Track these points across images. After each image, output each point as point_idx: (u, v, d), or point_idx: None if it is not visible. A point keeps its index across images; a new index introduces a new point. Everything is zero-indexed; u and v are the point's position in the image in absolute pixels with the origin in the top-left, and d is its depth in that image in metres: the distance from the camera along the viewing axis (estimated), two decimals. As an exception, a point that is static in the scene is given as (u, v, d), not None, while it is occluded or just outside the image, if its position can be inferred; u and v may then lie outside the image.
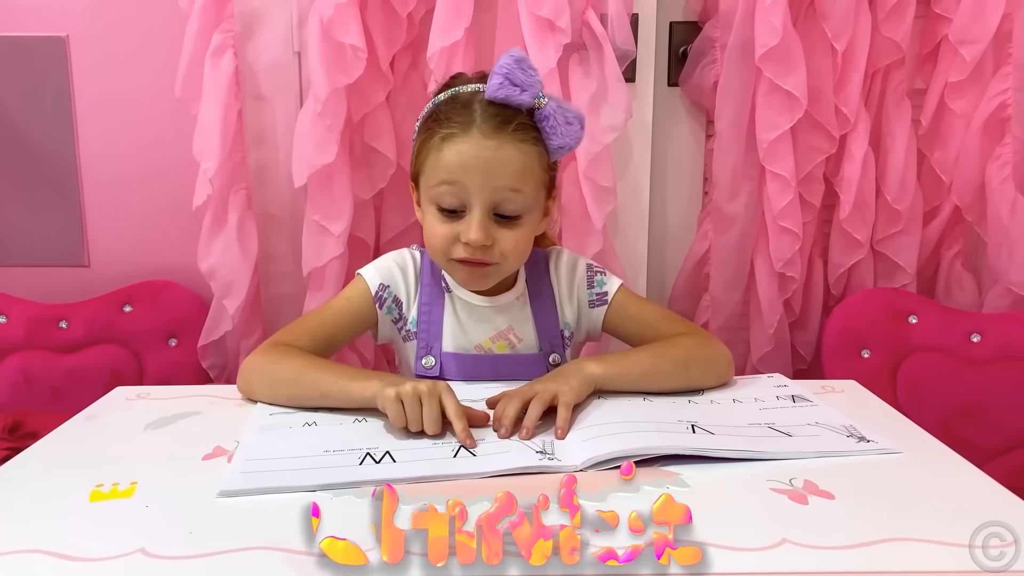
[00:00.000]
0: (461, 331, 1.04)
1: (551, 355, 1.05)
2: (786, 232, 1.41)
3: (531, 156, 0.94)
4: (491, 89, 0.93)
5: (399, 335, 1.07)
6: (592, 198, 1.36)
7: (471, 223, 0.93)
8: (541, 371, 1.01)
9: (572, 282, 1.08)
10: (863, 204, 1.43)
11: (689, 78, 1.45)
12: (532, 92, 0.93)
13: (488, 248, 0.95)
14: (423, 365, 1.03)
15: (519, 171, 0.93)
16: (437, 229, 0.96)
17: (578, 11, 1.33)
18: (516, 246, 0.96)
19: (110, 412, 0.93)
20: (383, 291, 1.05)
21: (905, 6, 1.36)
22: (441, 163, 0.94)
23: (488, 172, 0.92)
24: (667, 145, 1.50)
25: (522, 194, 0.94)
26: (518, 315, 1.06)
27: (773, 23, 1.30)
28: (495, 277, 1.00)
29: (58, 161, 1.52)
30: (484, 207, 0.93)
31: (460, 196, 0.93)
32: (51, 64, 1.48)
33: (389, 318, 1.06)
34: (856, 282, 1.50)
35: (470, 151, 0.92)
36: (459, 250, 0.95)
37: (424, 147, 0.97)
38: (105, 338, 1.48)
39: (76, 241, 1.55)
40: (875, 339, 1.43)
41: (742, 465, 0.74)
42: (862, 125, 1.41)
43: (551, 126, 0.94)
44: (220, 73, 1.35)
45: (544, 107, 0.94)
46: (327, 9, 1.28)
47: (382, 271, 1.06)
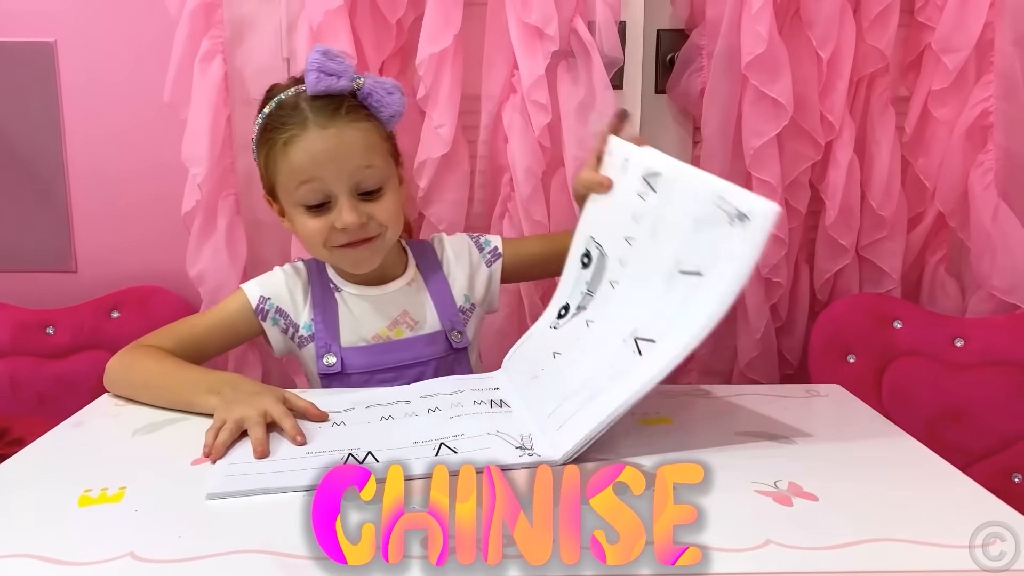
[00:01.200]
0: (357, 325, 1.07)
1: (452, 331, 1.09)
2: (772, 238, 1.38)
3: (370, 132, 1.01)
4: (310, 85, 0.98)
5: (293, 343, 1.09)
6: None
7: (341, 209, 0.98)
8: (442, 349, 1.07)
9: (460, 253, 1.15)
10: (848, 210, 1.44)
11: (676, 85, 1.46)
12: (348, 77, 1.00)
13: (365, 225, 1.00)
14: (325, 364, 1.05)
15: (365, 148, 0.99)
16: (311, 226, 1.00)
17: (566, 19, 1.34)
18: (389, 214, 1.02)
19: (97, 418, 0.93)
20: (264, 303, 1.08)
21: (889, 15, 1.37)
22: (292, 166, 0.98)
23: (338, 159, 0.97)
24: (654, 152, 1.51)
25: (375, 168, 1.00)
26: (412, 300, 1.10)
27: (759, 31, 1.31)
28: (380, 251, 1.04)
29: (46, 166, 1.51)
30: (347, 191, 0.99)
31: (321, 189, 0.98)
32: (39, 69, 1.48)
33: (277, 329, 1.08)
34: (842, 287, 1.51)
35: (315, 146, 0.97)
36: (338, 237, 1.00)
37: (270, 158, 1.01)
38: (92, 344, 1.47)
39: (63, 246, 1.54)
40: (860, 344, 1.44)
41: (727, 468, 0.74)
42: (847, 132, 1.42)
43: (376, 100, 1.01)
44: (209, 79, 1.35)
45: (363, 87, 1.01)
46: (316, 15, 1.28)
47: (264, 285, 1.09)
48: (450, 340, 1.08)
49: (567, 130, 1.36)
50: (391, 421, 0.86)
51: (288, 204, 1.02)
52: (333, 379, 1.06)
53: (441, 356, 1.07)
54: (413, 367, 1.05)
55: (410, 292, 1.10)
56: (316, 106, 0.99)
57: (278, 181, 1.02)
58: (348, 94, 1.00)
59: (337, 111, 0.98)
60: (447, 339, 1.08)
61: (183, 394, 0.91)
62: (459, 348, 1.09)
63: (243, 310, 1.08)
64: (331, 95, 0.99)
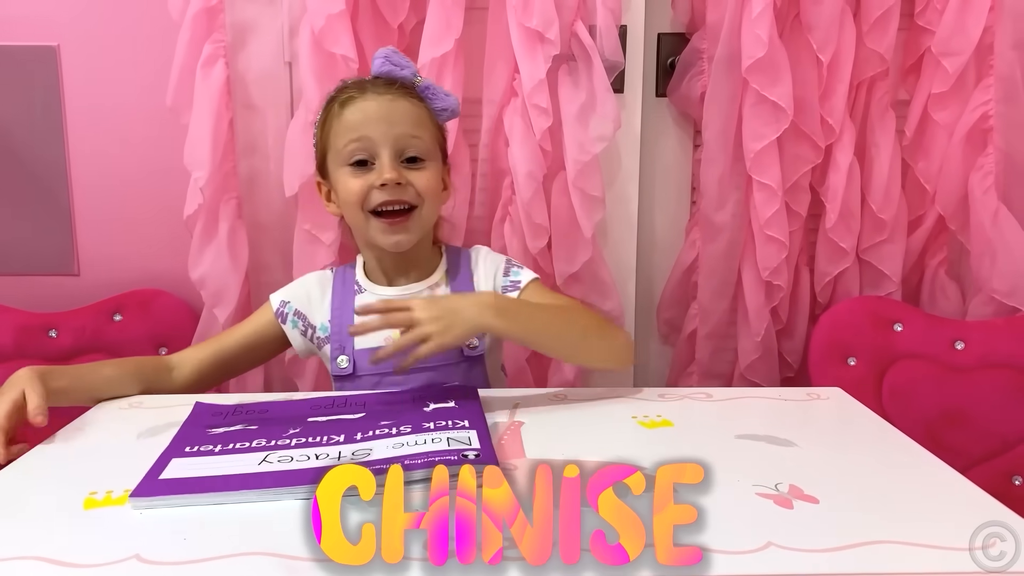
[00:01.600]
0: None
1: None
2: (772, 241, 1.42)
3: (422, 110, 1.07)
4: (375, 67, 1.08)
5: (313, 344, 1.13)
6: (581, 207, 1.37)
7: (382, 166, 1.03)
8: (454, 355, 1.07)
9: (490, 271, 1.15)
10: (848, 213, 1.45)
11: (677, 89, 1.47)
12: (411, 70, 1.09)
13: (403, 187, 1.03)
14: (338, 365, 1.08)
15: (415, 119, 1.06)
16: (351, 184, 1.04)
17: (567, 23, 1.34)
18: (428, 185, 1.05)
19: (102, 421, 0.93)
20: (283, 307, 1.12)
21: (889, 18, 1.38)
22: (345, 124, 1.05)
23: (389, 121, 1.03)
24: (655, 155, 1.52)
25: (421, 140, 1.05)
26: None
27: (759, 35, 1.32)
28: (416, 230, 1.06)
29: (48, 170, 1.52)
30: (391, 152, 1.03)
31: (368, 148, 1.03)
32: (41, 73, 1.48)
33: (297, 331, 1.12)
34: (842, 290, 1.51)
35: (370, 105, 1.04)
36: (376, 196, 1.03)
37: (326, 124, 1.08)
38: (95, 347, 1.47)
39: (66, 250, 1.55)
40: (861, 347, 1.44)
41: (728, 470, 0.75)
42: (847, 135, 1.43)
43: (432, 93, 1.09)
44: (211, 83, 1.36)
45: (422, 81, 1.09)
46: (318, 20, 1.29)
47: (285, 291, 1.15)
48: (463, 346, 1.08)
49: (568, 134, 1.36)
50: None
51: (335, 166, 1.06)
52: (345, 381, 1.08)
53: (453, 362, 1.07)
54: (422, 371, 1.04)
55: (431, 295, 1.11)
56: (377, 82, 1.07)
57: (330, 144, 1.06)
58: (408, 83, 1.07)
59: (394, 85, 1.06)
60: (463, 344, 1.08)
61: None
62: (472, 356, 1.08)
63: (267, 317, 1.13)
64: (392, 79, 1.07)
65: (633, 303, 1.52)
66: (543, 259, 1.41)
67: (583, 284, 1.41)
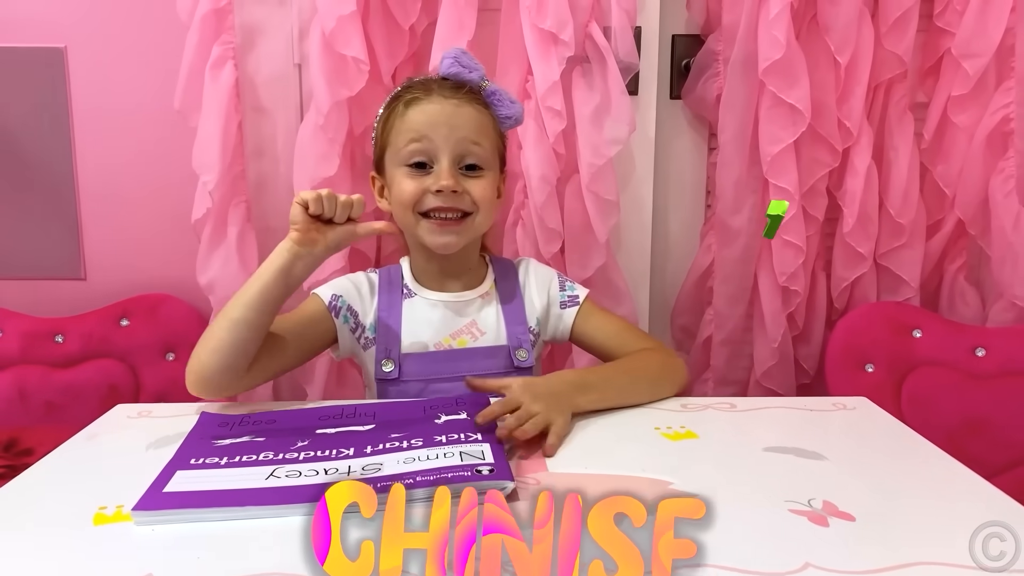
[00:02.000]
0: (421, 331, 1.07)
1: (517, 349, 1.06)
2: (789, 246, 1.40)
3: (486, 118, 1.06)
4: (443, 68, 1.06)
5: (359, 344, 1.08)
6: (596, 211, 1.35)
7: (440, 171, 1.01)
8: (503, 365, 1.05)
9: (542, 284, 1.13)
10: (866, 217, 1.42)
11: (692, 91, 1.45)
12: (479, 73, 1.07)
13: (459, 195, 1.01)
14: (383, 369, 1.05)
15: (478, 127, 1.04)
16: (406, 186, 1.02)
17: (581, 24, 1.32)
18: (484, 194, 1.03)
19: (111, 431, 0.91)
20: (336, 300, 1.07)
21: (907, 20, 1.36)
22: (408, 124, 1.03)
23: (452, 126, 1.01)
24: (669, 158, 1.50)
25: (482, 148, 1.03)
26: (482, 311, 1.09)
27: (776, 36, 1.30)
28: (466, 235, 1.04)
29: (55, 173, 1.50)
30: (451, 157, 1.01)
31: (428, 150, 1.02)
32: (49, 75, 1.46)
33: (347, 327, 1.07)
34: (859, 296, 1.49)
35: (434, 108, 1.02)
36: (430, 200, 1.01)
37: (388, 122, 1.06)
38: (102, 352, 1.46)
39: (73, 254, 1.53)
40: (879, 353, 1.42)
41: (759, 486, 0.72)
42: (865, 138, 1.40)
43: (498, 99, 1.07)
44: (220, 85, 1.33)
45: (488, 86, 1.07)
46: (329, 21, 1.27)
47: (334, 285, 1.09)
48: (514, 357, 1.06)
49: (582, 137, 1.34)
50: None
51: (392, 165, 1.04)
52: (390, 385, 1.05)
53: (501, 372, 1.04)
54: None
55: (482, 304, 1.09)
56: (444, 84, 1.05)
57: (390, 141, 1.05)
58: (475, 87, 1.06)
59: (461, 89, 1.04)
60: (510, 356, 1.06)
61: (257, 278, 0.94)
62: (522, 367, 1.06)
63: (318, 309, 1.06)
64: (459, 83, 1.05)
65: (647, 309, 1.49)
66: (556, 264, 1.38)
67: (596, 290, 1.39)
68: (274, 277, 0.93)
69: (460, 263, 1.09)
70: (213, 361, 0.92)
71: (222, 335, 0.92)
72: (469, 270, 1.11)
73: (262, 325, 0.94)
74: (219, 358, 0.92)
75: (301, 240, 0.93)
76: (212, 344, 0.93)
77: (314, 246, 0.94)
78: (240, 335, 0.92)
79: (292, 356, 1.03)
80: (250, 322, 0.92)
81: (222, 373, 0.93)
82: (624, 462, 0.77)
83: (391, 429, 0.83)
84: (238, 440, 0.82)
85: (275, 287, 0.93)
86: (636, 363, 1.03)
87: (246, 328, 0.92)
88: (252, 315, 0.92)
